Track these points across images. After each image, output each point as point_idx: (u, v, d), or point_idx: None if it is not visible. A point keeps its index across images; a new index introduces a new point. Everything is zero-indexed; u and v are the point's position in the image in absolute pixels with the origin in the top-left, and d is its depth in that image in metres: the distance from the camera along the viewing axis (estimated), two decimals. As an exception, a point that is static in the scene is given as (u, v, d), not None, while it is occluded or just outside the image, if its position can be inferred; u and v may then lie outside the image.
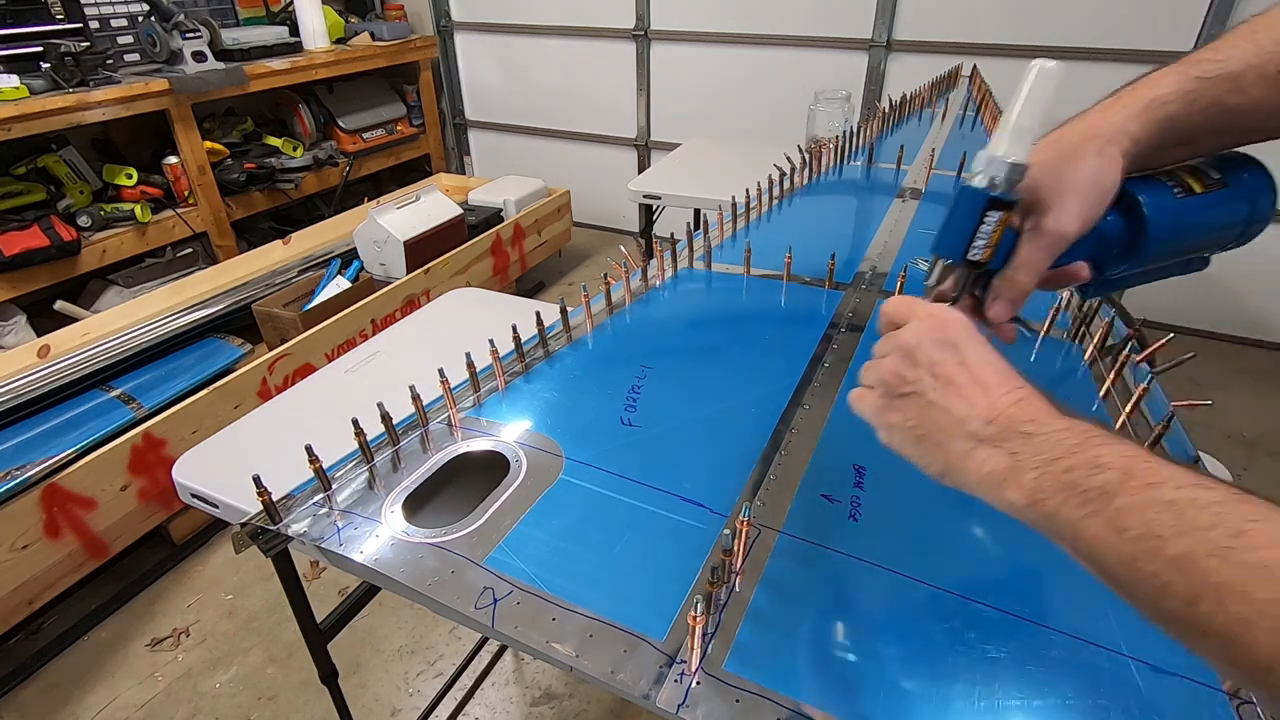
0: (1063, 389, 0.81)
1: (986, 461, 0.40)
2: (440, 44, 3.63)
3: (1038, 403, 0.40)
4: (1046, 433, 0.39)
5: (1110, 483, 0.35)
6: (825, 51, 2.88)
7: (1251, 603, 0.29)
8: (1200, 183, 0.48)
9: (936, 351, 0.44)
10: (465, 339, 0.82)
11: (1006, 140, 0.43)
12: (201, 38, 2.45)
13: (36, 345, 1.87)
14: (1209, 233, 0.50)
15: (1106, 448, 0.36)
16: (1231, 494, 0.32)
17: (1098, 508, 0.35)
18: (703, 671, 0.50)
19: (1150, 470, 0.34)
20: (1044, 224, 0.46)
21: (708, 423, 0.76)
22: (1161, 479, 0.34)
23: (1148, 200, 0.47)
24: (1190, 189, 0.48)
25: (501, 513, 0.65)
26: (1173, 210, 0.47)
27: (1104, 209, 0.47)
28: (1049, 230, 0.46)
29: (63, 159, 2.25)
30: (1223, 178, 0.48)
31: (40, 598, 1.49)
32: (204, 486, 0.88)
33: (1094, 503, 0.35)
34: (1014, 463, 0.39)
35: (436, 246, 2.48)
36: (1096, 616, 0.53)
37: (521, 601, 0.56)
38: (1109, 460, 0.36)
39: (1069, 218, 0.46)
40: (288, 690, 1.47)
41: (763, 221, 1.29)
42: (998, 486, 0.39)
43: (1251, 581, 0.30)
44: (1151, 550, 0.33)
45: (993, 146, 0.44)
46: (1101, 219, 0.47)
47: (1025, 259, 0.47)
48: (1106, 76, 2.54)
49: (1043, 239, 0.46)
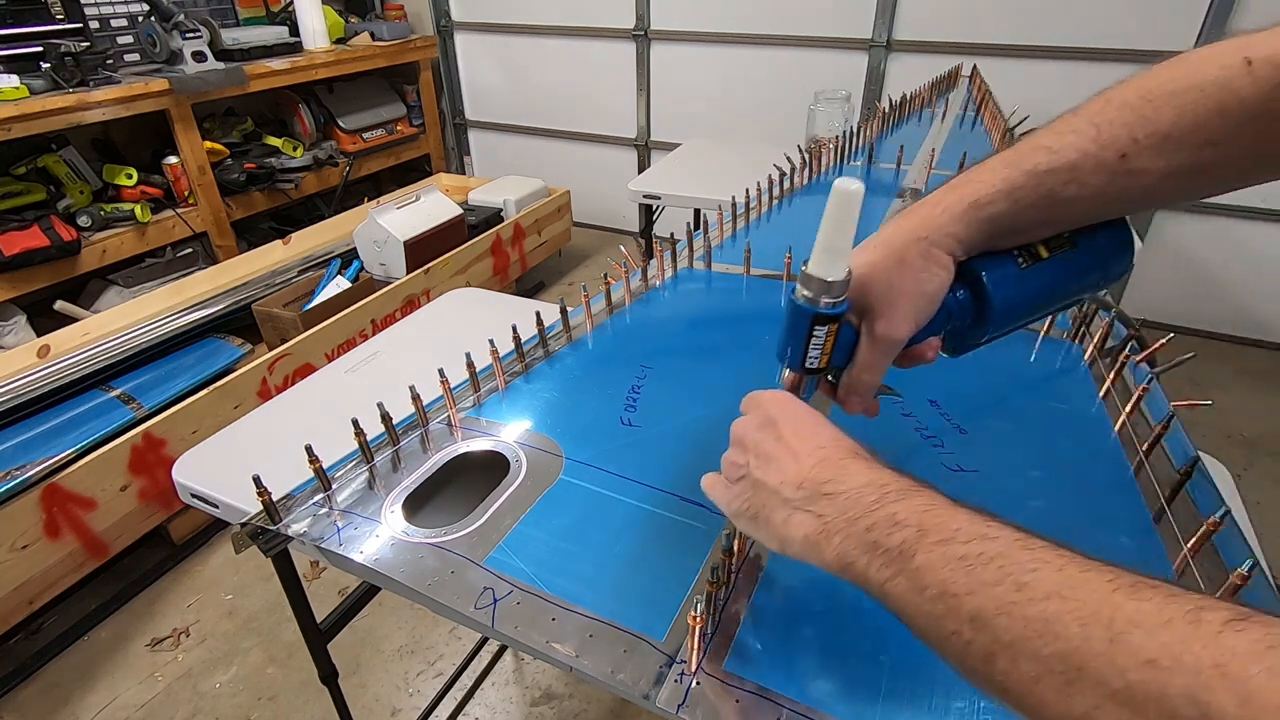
0: (1063, 389, 0.81)
1: (800, 526, 0.41)
2: (440, 44, 3.63)
3: (838, 459, 0.41)
4: (847, 490, 0.39)
5: (908, 541, 0.35)
6: (825, 51, 2.88)
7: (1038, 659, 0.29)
8: (1047, 247, 0.47)
9: (758, 433, 0.46)
10: (465, 339, 0.82)
11: (821, 260, 0.43)
12: (201, 38, 2.45)
13: (36, 345, 1.87)
14: (1061, 292, 0.49)
15: (902, 503, 0.37)
16: (1014, 542, 0.33)
17: (900, 567, 0.35)
18: (703, 671, 0.50)
19: (942, 525, 0.35)
20: (876, 329, 0.47)
21: (708, 422, 0.76)
22: (952, 533, 0.34)
23: (989, 276, 0.47)
24: (1037, 255, 0.47)
25: (501, 513, 0.65)
26: (1016, 281, 0.47)
27: (935, 307, 0.46)
28: (881, 335, 0.46)
29: (63, 159, 2.25)
30: (1071, 238, 0.47)
31: (40, 598, 1.49)
32: (204, 486, 0.88)
33: (895, 563, 0.35)
34: (822, 525, 0.39)
35: (436, 246, 2.48)
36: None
37: (521, 601, 0.56)
38: (904, 517, 0.36)
39: (899, 322, 0.46)
40: (288, 690, 1.47)
41: (763, 221, 1.29)
42: (814, 549, 0.40)
43: (1036, 638, 0.30)
44: (951, 610, 0.33)
45: (810, 265, 0.44)
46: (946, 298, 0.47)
47: (864, 361, 0.48)
48: (1106, 76, 2.52)
49: (877, 343, 0.47)
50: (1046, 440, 0.73)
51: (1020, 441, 0.73)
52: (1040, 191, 0.44)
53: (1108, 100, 0.44)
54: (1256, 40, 0.40)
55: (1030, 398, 0.80)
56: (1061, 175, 0.43)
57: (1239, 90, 0.39)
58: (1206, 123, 0.41)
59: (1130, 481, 0.67)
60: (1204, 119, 0.40)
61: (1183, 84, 0.41)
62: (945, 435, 0.73)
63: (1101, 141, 0.42)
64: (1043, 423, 0.76)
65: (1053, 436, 0.74)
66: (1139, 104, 0.42)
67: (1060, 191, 0.44)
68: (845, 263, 0.43)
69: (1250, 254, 2.55)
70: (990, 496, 0.65)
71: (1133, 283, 2.75)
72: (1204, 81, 0.40)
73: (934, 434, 0.73)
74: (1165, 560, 0.58)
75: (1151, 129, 0.41)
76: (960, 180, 0.46)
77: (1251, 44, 0.40)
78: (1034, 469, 0.69)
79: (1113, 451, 0.71)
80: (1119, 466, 0.68)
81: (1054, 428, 0.75)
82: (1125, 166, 0.42)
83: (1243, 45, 0.40)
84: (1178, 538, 0.59)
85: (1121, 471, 0.68)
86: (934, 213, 0.46)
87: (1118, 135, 0.42)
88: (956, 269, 0.47)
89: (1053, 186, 0.44)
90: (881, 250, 0.46)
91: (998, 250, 0.47)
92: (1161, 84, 0.42)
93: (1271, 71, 0.39)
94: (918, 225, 0.46)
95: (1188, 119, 0.41)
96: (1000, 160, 0.45)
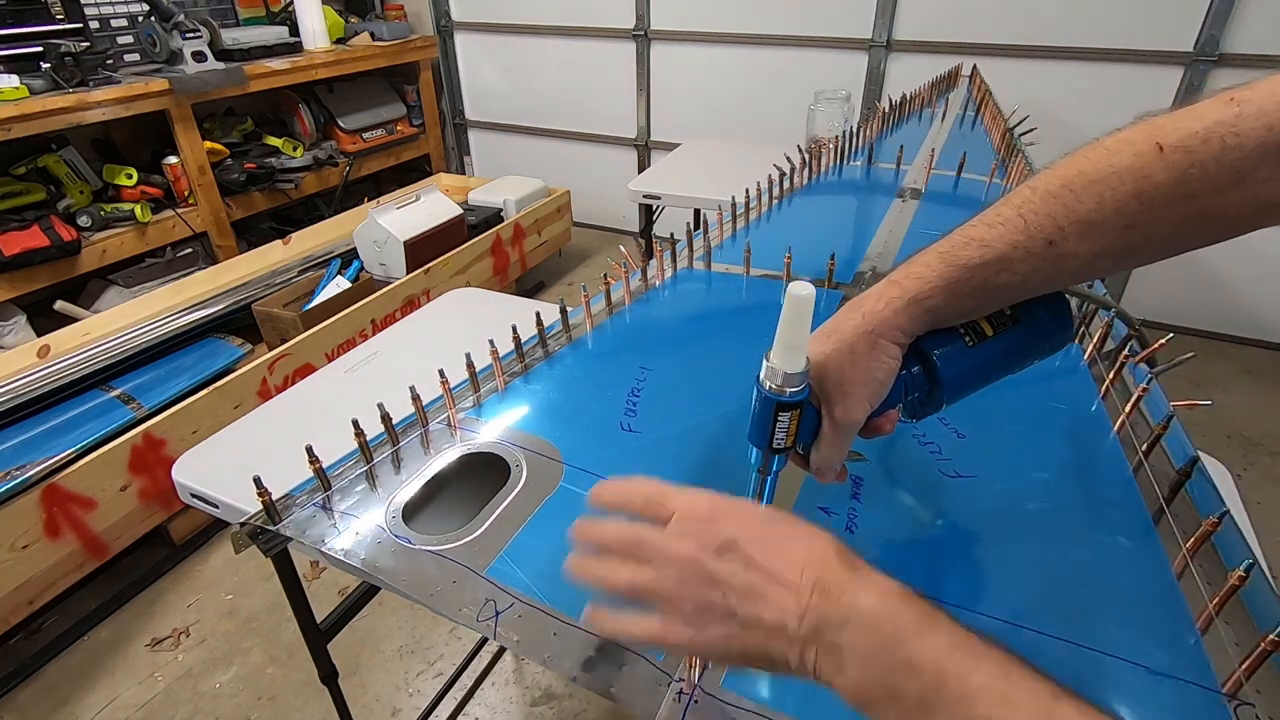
0: (1062, 389, 0.81)
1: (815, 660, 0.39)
2: (440, 44, 3.63)
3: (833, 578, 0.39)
4: (857, 618, 0.38)
5: (926, 693, 0.35)
6: (825, 51, 2.88)
7: None
8: (991, 325, 0.51)
9: (720, 562, 0.41)
10: (465, 339, 0.82)
11: (781, 354, 0.46)
12: (201, 38, 2.45)
13: (36, 345, 1.87)
14: (1008, 364, 0.53)
15: (917, 642, 0.36)
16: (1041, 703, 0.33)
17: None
18: (700, 690, 0.50)
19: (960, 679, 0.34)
20: (835, 414, 0.49)
21: (707, 429, 0.75)
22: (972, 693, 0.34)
23: (939, 355, 0.50)
24: (983, 333, 0.50)
25: (502, 521, 0.65)
26: (963, 358, 0.50)
27: (886, 390, 0.49)
28: (839, 419, 0.49)
29: (63, 159, 2.25)
30: (1015, 313, 0.51)
31: (40, 598, 1.49)
32: (204, 486, 0.88)
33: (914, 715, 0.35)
34: (837, 660, 0.38)
35: (436, 246, 2.48)
36: (1092, 622, 0.53)
37: (523, 615, 0.56)
38: (921, 661, 0.35)
39: (854, 408, 0.48)
40: (288, 690, 1.47)
41: (763, 221, 1.29)
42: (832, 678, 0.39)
43: None
44: None
45: (772, 359, 0.46)
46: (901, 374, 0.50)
47: (827, 442, 0.50)
48: (1106, 77, 2.55)
49: (837, 426, 0.49)
50: (1046, 441, 0.73)
51: (1019, 442, 0.73)
52: (975, 283, 0.47)
53: (1033, 190, 0.46)
54: (1165, 125, 0.42)
55: (1029, 398, 0.80)
56: (993, 266, 0.46)
57: (1153, 176, 0.42)
58: (1125, 207, 0.43)
59: (1130, 482, 0.67)
60: (1123, 204, 0.43)
61: (1102, 172, 0.43)
62: (943, 441, 0.73)
63: (1029, 232, 0.45)
64: (1042, 423, 0.76)
65: (1052, 437, 0.74)
66: (1061, 193, 0.44)
67: (994, 280, 0.46)
68: (803, 355, 0.46)
69: (1250, 254, 2.54)
70: (988, 501, 0.65)
71: (1133, 283, 2.75)
72: (1120, 169, 0.43)
73: (931, 440, 0.73)
74: (1165, 560, 0.58)
75: (1075, 216, 0.44)
76: (900, 274, 0.49)
77: (1161, 129, 0.42)
78: (1033, 470, 0.69)
79: (1112, 452, 0.71)
80: (1118, 467, 0.68)
81: (1053, 428, 0.75)
82: (1053, 252, 0.45)
83: (1153, 130, 0.42)
84: (1177, 538, 0.59)
85: (1121, 472, 0.68)
86: (878, 308, 0.48)
87: (1044, 225, 0.45)
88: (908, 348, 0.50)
89: (986, 277, 0.46)
90: (834, 341, 0.49)
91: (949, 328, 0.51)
92: (1081, 172, 0.44)
93: (1181, 157, 0.41)
94: (864, 320, 0.48)
95: (1108, 205, 0.43)
96: (935, 256, 0.48)
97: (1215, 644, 0.51)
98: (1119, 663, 0.50)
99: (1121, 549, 0.59)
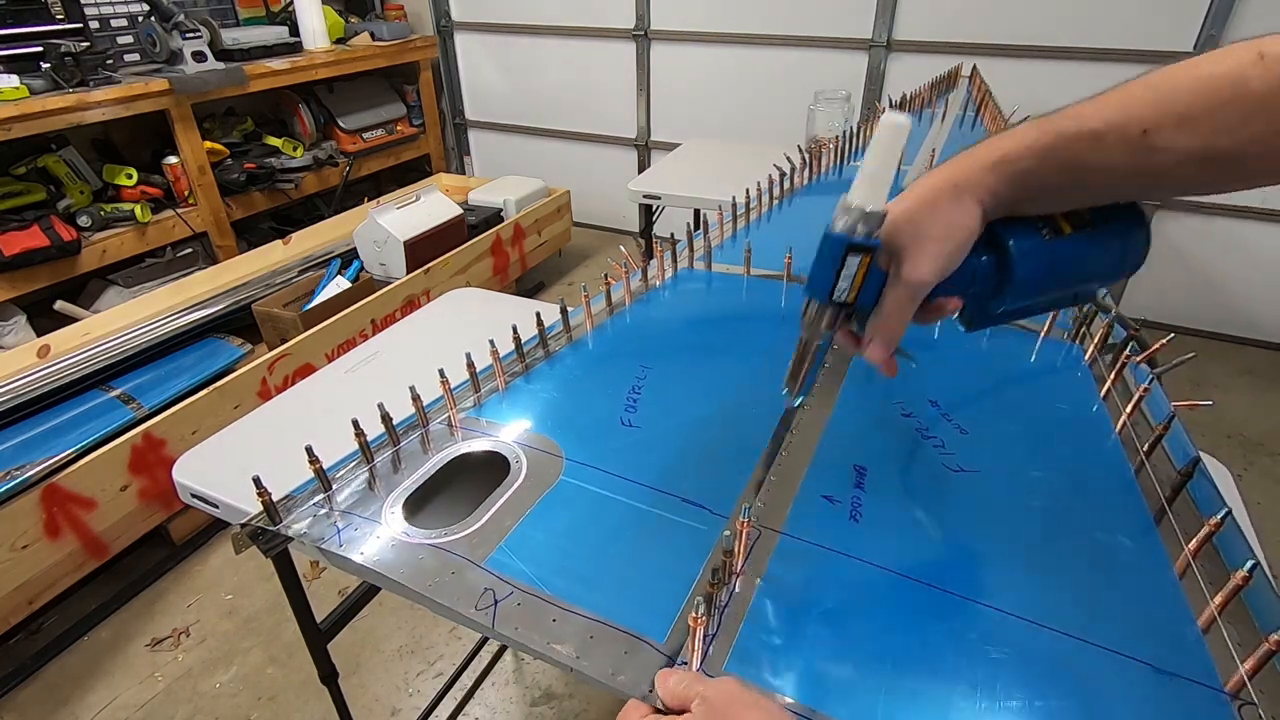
0: (1063, 389, 0.81)
1: None
2: (440, 44, 3.63)
3: None
4: None
5: None
6: (825, 51, 2.88)
7: None
8: (1070, 223, 0.49)
9: None
10: (465, 339, 0.82)
11: (862, 190, 0.44)
12: (201, 38, 2.45)
13: (36, 345, 1.87)
14: (1080, 272, 0.51)
15: None
16: None
17: None
18: (704, 673, 0.50)
19: None
20: (904, 271, 0.48)
21: (708, 423, 0.75)
22: None
23: (1015, 243, 0.49)
24: (1060, 230, 0.49)
25: (502, 513, 0.65)
26: (1039, 251, 0.49)
27: (962, 255, 0.48)
28: (906, 277, 0.48)
29: (63, 159, 2.25)
30: (1093, 218, 0.50)
31: (40, 598, 1.49)
32: (204, 486, 0.87)
33: None
34: None
35: (436, 246, 2.48)
36: (1098, 619, 0.53)
37: (522, 603, 0.56)
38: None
39: (925, 266, 0.47)
40: (288, 690, 1.47)
41: (763, 221, 1.29)
42: None
43: None
44: None
45: (850, 195, 0.45)
46: (971, 260, 0.48)
47: (890, 304, 0.49)
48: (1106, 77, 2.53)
49: (902, 286, 0.48)
50: (1047, 440, 0.73)
51: (1021, 441, 0.73)
52: (1067, 154, 0.46)
53: (1133, 83, 0.46)
54: (1270, 40, 0.43)
55: (1031, 398, 0.80)
56: (1087, 141, 0.46)
57: (1250, 81, 0.42)
58: (1220, 109, 0.43)
59: (1131, 482, 0.67)
60: (1219, 105, 0.43)
61: (1202, 73, 0.44)
62: (946, 435, 0.73)
63: (1127, 114, 0.45)
64: (1043, 423, 0.76)
65: (1053, 437, 0.74)
66: (1161, 85, 0.45)
67: (1085, 157, 0.46)
68: (884, 196, 0.44)
69: (1250, 254, 2.55)
70: (991, 496, 0.65)
71: (1133, 283, 2.75)
72: (1220, 72, 0.43)
73: (935, 434, 0.73)
74: (1167, 560, 0.58)
75: (1171, 109, 0.44)
76: (990, 139, 0.49)
77: (1265, 43, 0.43)
78: (1035, 469, 0.69)
79: (1113, 452, 0.71)
80: (1120, 467, 0.68)
81: (1054, 428, 0.75)
82: (1146, 142, 0.44)
83: (1257, 44, 0.43)
84: (1179, 538, 0.59)
85: (1122, 472, 0.68)
86: (966, 163, 0.48)
87: (1142, 112, 0.45)
88: (983, 234, 0.48)
89: (1079, 151, 0.46)
90: (912, 198, 0.48)
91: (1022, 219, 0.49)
92: (1183, 71, 0.45)
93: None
94: (950, 173, 0.48)
95: (1203, 103, 0.43)
96: (1031, 124, 0.48)
97: (1217, 644, 0.51)
98: (1122, 660, 0.50)
99: (1123, 548, 0.59)
